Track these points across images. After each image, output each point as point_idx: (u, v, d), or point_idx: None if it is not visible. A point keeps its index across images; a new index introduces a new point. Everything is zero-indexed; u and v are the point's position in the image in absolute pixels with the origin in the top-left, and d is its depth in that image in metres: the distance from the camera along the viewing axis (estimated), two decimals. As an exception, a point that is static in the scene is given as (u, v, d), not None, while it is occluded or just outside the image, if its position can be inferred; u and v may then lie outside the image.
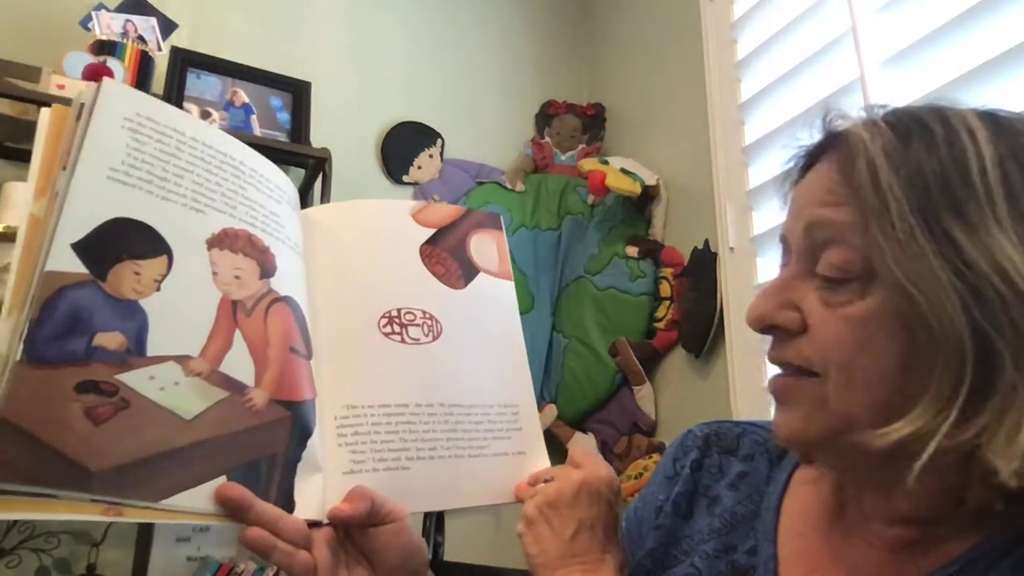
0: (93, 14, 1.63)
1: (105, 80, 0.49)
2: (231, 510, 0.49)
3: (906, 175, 0.41)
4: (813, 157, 0.49)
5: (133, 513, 0.45)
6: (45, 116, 0.48)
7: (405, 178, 2.07)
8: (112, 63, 1.57)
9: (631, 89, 2.18)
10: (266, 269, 0.56)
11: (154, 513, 0.46)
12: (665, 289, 1.83)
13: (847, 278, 0.43)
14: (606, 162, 1.96)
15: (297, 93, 1.90)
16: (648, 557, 0.58)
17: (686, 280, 1.75)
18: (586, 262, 1.99)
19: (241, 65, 1.85)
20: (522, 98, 2.32)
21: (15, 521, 1.43)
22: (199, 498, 0.48)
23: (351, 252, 0.66)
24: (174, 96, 1.71)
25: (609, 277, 1.91)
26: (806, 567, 0.50)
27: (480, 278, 0.71)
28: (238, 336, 0.53)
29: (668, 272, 1.82)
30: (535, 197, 2.14)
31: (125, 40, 1.63)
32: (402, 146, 2.08)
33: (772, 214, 1.52)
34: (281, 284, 0.57)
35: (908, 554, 0.46)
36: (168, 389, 0.48)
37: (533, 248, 2.08)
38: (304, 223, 0.64)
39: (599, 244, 1.98)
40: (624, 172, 1.88)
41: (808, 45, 1.44)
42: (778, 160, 0.53)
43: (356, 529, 0.56)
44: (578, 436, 1.92)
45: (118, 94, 0.51)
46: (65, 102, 0.50)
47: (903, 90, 1.21)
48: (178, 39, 1.77)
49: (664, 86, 2.01)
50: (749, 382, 1.49)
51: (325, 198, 1.73)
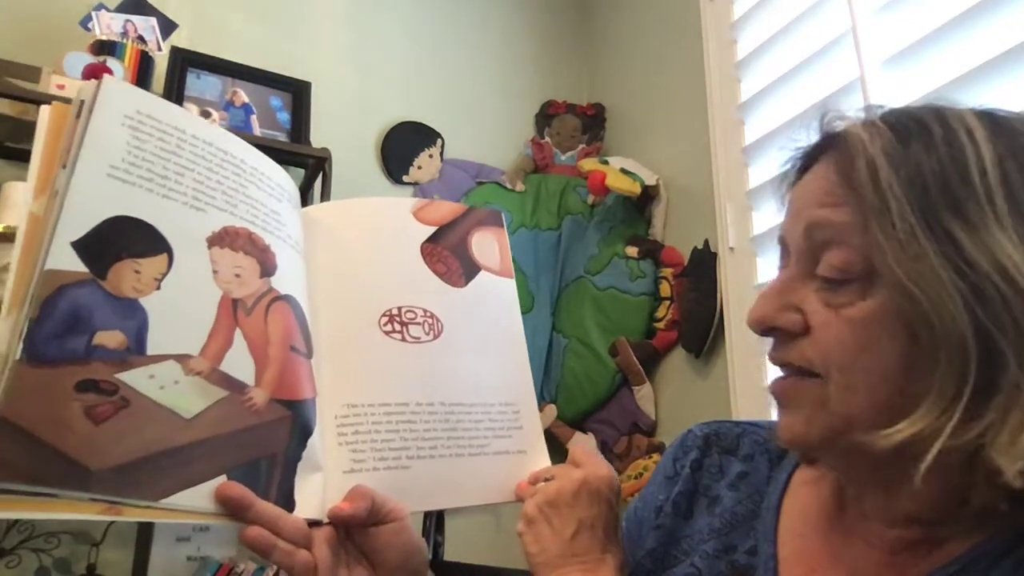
0: (93, 14, 1.63)
1: (106, 77, 0.49)
2: (231, 509, 0.48)
3: (906, 175, 0.41)
4: (811, 158, 0.49)
5: (133, 512, 0.45)
6: (45, 114, 0.47)
7: (405, 178, 2.07)
8: (112, 63, 1.57)
9: (631, 89, 2.18)
10: (267, 268, 0.56)
11: (154, 512, 0.46)
12: (665, 289, 1.83)
13: (848, 279, 0.43)
14: (606, 162, 1.96)
15: (297, 93, 1.90)
16: (648, 557, 0.58)
17: (686, 280, 1.75)
18: (586, 262, 1.99)
19: (241, 65, 1.85)
20: (522, 98, 2.32)
21: (15, 521, 1.43)
22: (199, 497, 0.48)
23: (352, 250, 0.65)
24: (174, 96, 1.71)
25: (609, 277, 1.91)
26: (806, 567, 0.50)
27: (481, 276, 0.71)
28: (238, 335, 0.52)
29: (668, 272, 1.82)
30: (535, 197, 2.14)
31: (125, 40, 1.63)
32: (402, 146, 2.08)
33: (772, 214, 1.52)
34: (281, 283, 0.57)
35: (909, 555, 0.46)
36: (168, 388, 0.47)
37: (533, 248, 2.08)
38: (305, 221, 0.63)
39: (599, 244, 1.98)
40: (624, 172, 1.88)
41: (808, 45, 1.44)
42: (778, 160, 0.52)
43: (356, 528, 0.56)
44: (578, 436, 1.92)
45: (119, 91, 0.50)
46: (65, 102, 0.49)
47: (903, 90, 1.21)
48: (178, 39, 1.77)
49: (664, 86, 2.00)
50: (749, 382, 1.49)
51: (325, 198, 1.72)
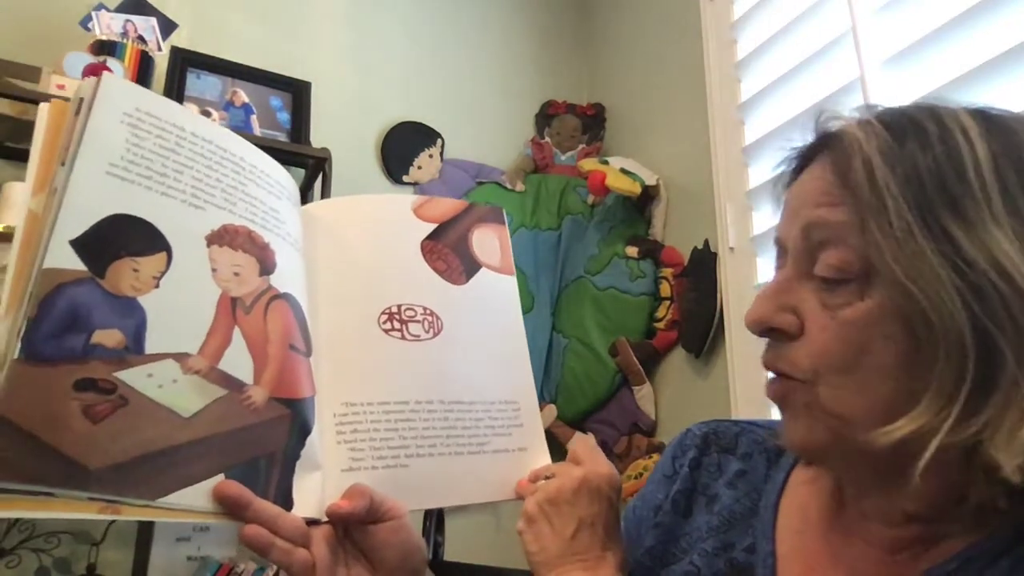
0: (93, 14, 1.63)
1: (105, 75, 0.49)
2: (229, 508, 0.48)
3: (902, 173, 0.41)
4: (806, 158, 0.49)
5: (131, 511, 0.45)
6: (44, 111, 0.47)
7: (405, 178, 2.07)
8: (112, 63, 1.57)
9: (631, 89, 2.18)
10: (266, 266, 0.56)
11: (152, 511, 0.46)
12: (665, 289, 1.82)
13: (845, 279, 0.43)
14: (606, 162, 1.96)
15: (297, 93, 1.90)
16: (647, 555, 0.58)
17: (686, 280, 1.75)
18: (586, 262, 1.99)
19: (241, 65, 1.85)
20: (522, 98, 2.32)
21: (15, 521, 1.43)
22: (197, 496, 0.47)
23: (352, 248, 0.65)
24: (174, 96, 1.71)
25: (609, 277, 1.91)
26: (804, 565, 0.50)
27: (482, 273, 0.70)
28: (237, 333, 0.52)
29: (668, 272, 1.82)
30: (535, 197, 2.14)
31: (125, 40, 1.63)
32: (402, 146, 2.08)
33: (772, 214, 1.49)
34: (281, 281, 0.57)
35: (908, 553, 0.46)
36: (166, 387, 0.47)
37: (533, 248, 2.08)
38: (305, 218, 0.63)
39: (599, 244, 1.98)
40: (624, 172, 1.88)
41: (808, 45, 1.44)
42: (777, 160, 0.53)
43: (355, 527, 0.56)
44: (578, 436, 1.92)
45: (118, 89, 0.50)
46: (65, 101, 0.49)
47: (903, 90, 1.21)
48: (178, 39, 1.77)
49: (664, 86, 2.00)
50: (749, 382, 1.49)
51: (325, 198, 1.72)
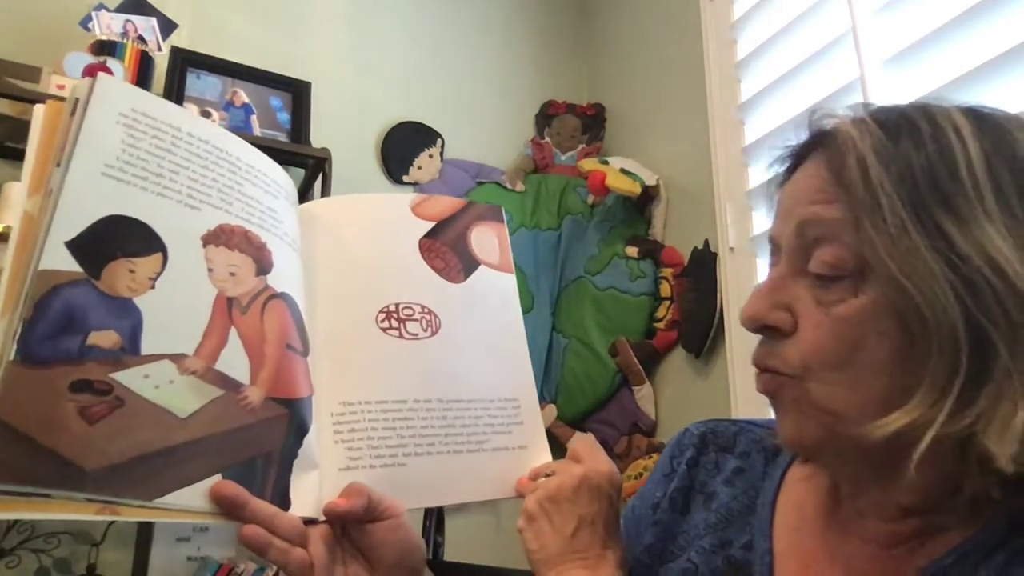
0: (93, 14, 1.63)
1: (100, 75, 0.49)
2: (226, 508, 0.48)
3: (896, 171, 0.41)
4: (800, 157, 0.49)
5: (128, 512, 0.45)
6: (39, 112, 0.47)
7: (405, 178, 2.07)
8: (112, 63, 1.57)
9: (631, 89, 2.18)
10: (262, 266, 0.56)
11: (149, 512, 0.46)
12: (665, 289, 1.82)
13: (839, 276, 0.43)
14: (606, 162, 1.96)
15: (297, 93, 1.90)
16: (646, 552, 0.59)
17: (686, 280, 1.75)
18: (586, 262, 1.99)
19: (241, 65, 1.85)
20: (522, 98, 2.32)
21: (15, 521, 1.43)
22: (194, 496, 0.47)
23: (350, 246, 0.65)
24: (174, 96, 1.71)
25: (609, 277, 1.91)
26: (801, 562, 0.50)
27: (480, 271, 0.70)
28: (233, 333, 0.52)
29: (668, 272, 1.82)
30: (535, 197, 2.14)
31: (125, 40, 1.63)
32: (402, 146, 2.08)
33: (770, 214, 1.51)
34: (277, 280, 0.57)
35: (904, 548, 0.46)
36: (163, 387, 0.47)
37: (533, 248, 2.08)
38: (304, 216, 0.63)
39: (599, 244, 1.98)
40: (624, 172, 1.88)
41: (808, 45, 1.44)
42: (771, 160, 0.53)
43: (352, 525, 0.56)
44: (579, 434, 1.91)
45: (113, 89, 0.50)
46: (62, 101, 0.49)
47: (903, 90, 1.21)
48: (178, 39, 1.77)
49: (664, 86, 2.00)
50: (749, 382, 1.48)
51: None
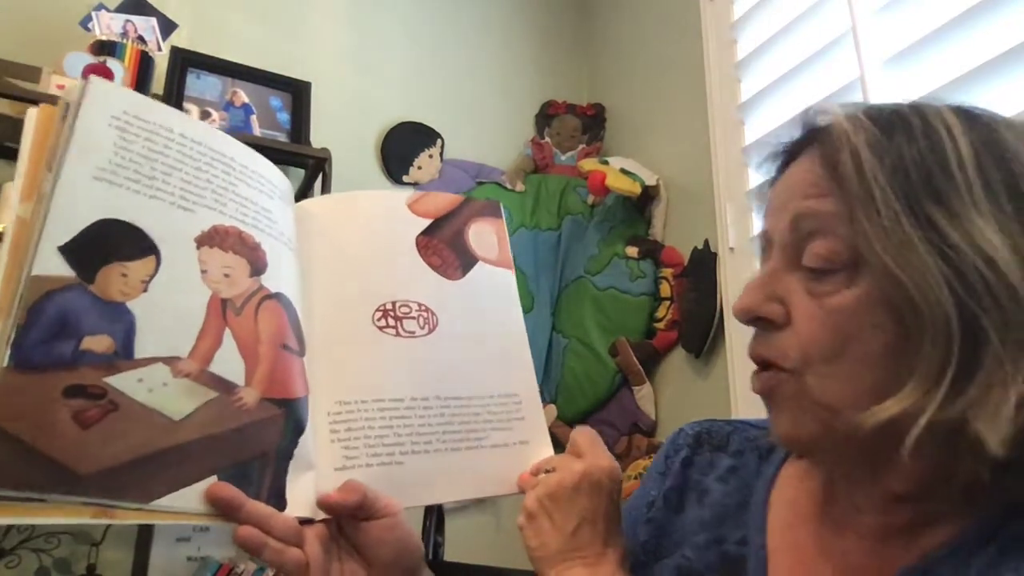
0: (93, 14, 1.63)
1: (92, 78, 0.48)
2: (222, 510, 0.49)
3: (889, 164, 0.42)
4: (792, 154, 0.50)
5: (124, 515, 0.45)
6: (32, 116, 0.47)
7: (405, 178, 2.07)
8: (112, 63, 1.57)
9: (631, 89, 2.18)
10: (257, 266, 0.56)
11: (145, 514, 0.46)
12: (665, 289, 1.82)
13: (833, 269, 0.44)
14: (606, 162, 1.95)
15: (297, 93, 1.90)
16: (641, 549, 0.59)
17: (686, 280, 1.74)
18: (586, 262, 1.98)
19: (241, 65, 1.84)
20: (522, 98, 2.32)
21: (14, 521, 1.43)
22: (190, 498, 0.48)
23: (347, 245, 0.65)
24: (174, 96, 1.71)
25: (609, 277, 1.91)
26: (795, 558, 0.51)
27: (479, 268, 0.70)
28: (228, 335, 0.52)
29: (668, 272, 1.82)
30: (535, 197, 2.14)
31: (125, 40, 1.63)
32: (402, 146, 2.08)
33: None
34: (272, 281, 0.57)
35: (897, 542, 0.46)
36: (157, 390, 0.47)
37: (533, 248, 2.08)
38: (300, 215, 0.63)
39: (599, 244, 1.98)
40: (624, 172, 1.88)
41: (808, 45, 1.43)
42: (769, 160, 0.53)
43: (349, 524, 0.56)
44: (579, 428, 1.91)
45: (105, 92, 0.50)
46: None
47: (903, 90, 1.20)
48: (178, 39, 1.77)
49: (664, 86, 2.00)
50: (749, 382, 1.48)
51: (324, 198, 1.73)
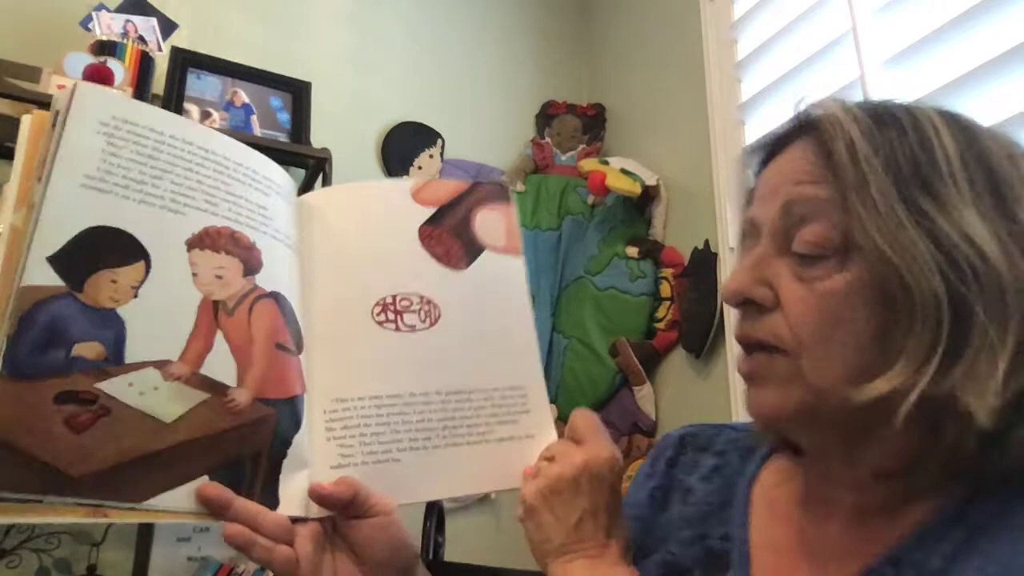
0: (93, 14, 1.63)
1: (79, 84, 0.49)
2: (211, 509, 0.49)
3: (883, 155, 0.44)
4: (781, 144, 0.51)
5: (118, 514, 0.46)
6: (25, 123, 0.47)
7: (405, 178, 2.07)
8: (112, 63, 1.57)
9: (631, 89, 2.18)
10: (250, 266, 0.55)
11: (138, 514, 0.47)
12: (665, 289, 1.82)
13: (824, 254, 0.45)
14: (606, 162, 1.95)
15: (297, 93, 1.90)
16: None
17: (686, 280, 1.74)
18: (586, 262, 1.98)
19: (241, 65, 1.84)
20: (522, 98, 2.32)
21: (15, 521, 1.43)
22: (182, 498, 0.48)
23: (348, 238, 0.63)
24: (174, 96, 1.71)
25: (609, 277, 1.91)
26: (776, 551, 0.52)
27: (485, 256, 0.67)
28: (220, 337, 0.52)
29: (668, 272, 1.82)
30: (535, 197, 2.14)
31: (125, 40, 1.63)
32: (402, 146, 2.08)
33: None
34: (267, 280, 0.56)
35: (876, 522, 0.47)
36: (148, 394, 0.48)
37: (533, 248, 2.08)
38: (302, 209, 0.62)
39: (599, 244, 1.97)
40: (624, 172, 1.88)
41: (808, 45, 1.43)
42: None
43: (342, 521, 0.56)
44: (580, 410, 1.90)
45: (92, 98, 0.50)
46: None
47: (903, 90, 1.20)
48: (178, 39, 1.77)
49: (664, 86, 2.00)
50: (748, 383, 1.48)
51: (324, 198, 1.72)
